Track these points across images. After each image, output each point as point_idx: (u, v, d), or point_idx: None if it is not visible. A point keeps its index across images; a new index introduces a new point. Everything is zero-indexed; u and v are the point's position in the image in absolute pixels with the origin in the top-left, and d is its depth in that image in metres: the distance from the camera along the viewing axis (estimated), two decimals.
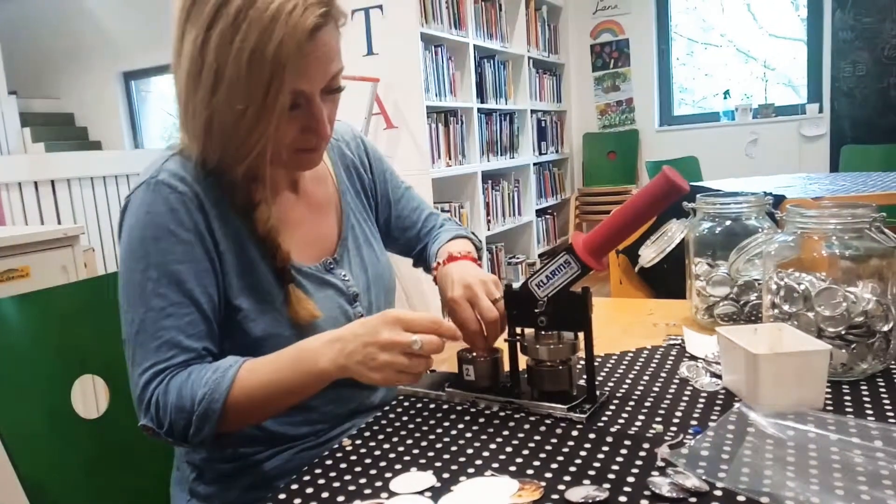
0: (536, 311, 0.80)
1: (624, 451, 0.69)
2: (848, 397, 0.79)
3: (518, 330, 0.84)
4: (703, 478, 0.62)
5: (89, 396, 1.05)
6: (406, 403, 0.87)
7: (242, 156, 0.79)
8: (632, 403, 0.81)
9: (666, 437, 0.72)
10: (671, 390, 0.85)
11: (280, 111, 0.77)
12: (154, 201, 0.80)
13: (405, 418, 0.83)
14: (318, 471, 0.71)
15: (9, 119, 5.37)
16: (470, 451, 0.72)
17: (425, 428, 0.79)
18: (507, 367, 0.87)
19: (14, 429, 0.83)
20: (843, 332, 0.84)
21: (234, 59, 0.74)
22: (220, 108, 0.77)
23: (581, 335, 0.81)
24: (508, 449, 0.72)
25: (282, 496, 0.67)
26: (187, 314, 0.80)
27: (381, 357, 0.74)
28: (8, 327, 0.88)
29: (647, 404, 0.81)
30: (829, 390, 0.81)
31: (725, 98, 4.83)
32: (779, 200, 1.73)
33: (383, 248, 1.05)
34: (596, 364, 0.95)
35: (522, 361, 0.85)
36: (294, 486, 0.68)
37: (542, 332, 0.82)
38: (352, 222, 0.99)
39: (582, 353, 0.81)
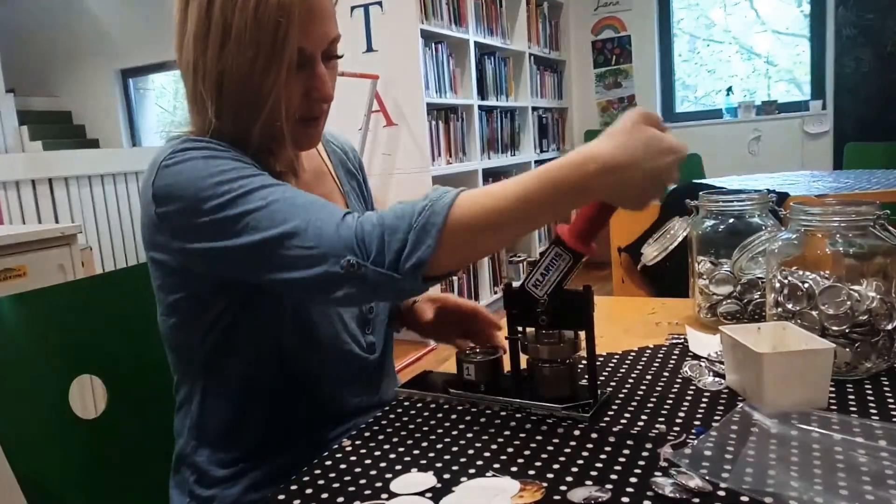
0: (538, 309, 0.79)
1: (626, 452, 0.69)
2: (852, 396, 0.79)
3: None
4: (707, 478, 0.61)
5: (87, 396, 1.05)
6: (406, 404, 0.87)
7: (256, 113, 0.79)
8: (634, 403, 0.81)
9: (669, 437, 0.71)
10: (674, 390, 0.84)
11: (289, 61, 0.77)
12: (199, 150, 0.78)
13: (405, 419, 0.82)
14: (317, 471, 0.70)
15: (6, 117, 5.36)
16: (471, 451, 0.72)
17: (426, 428, 0.79)
18: (507, 367, 0.86)
19: (12, 428, 0.83)
20: (847, 331, 0.84)
21: (240, 11, 0.75)
22: (230, 62, 0.77)
23: (582, 334, 0.80)
24: (510, 449, 0.71)
25: (281, 497, 0.66)
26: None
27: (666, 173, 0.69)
28: (5, 327, 0.88)
29: (650, 404, 0.80)
30: (833, 389, 0.80)
31: (728, 95, 4.82)
32: (782, 198, 1.72)
33: None
34: (598, 363, 0.94)
35: (523, 360, 0.84)
36: (293, 487, 0.68)
37: (543, 331, 0.81)
38: None
39: (583, 353, 0.80)
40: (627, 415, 0.78)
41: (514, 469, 0.67)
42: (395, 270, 0.68)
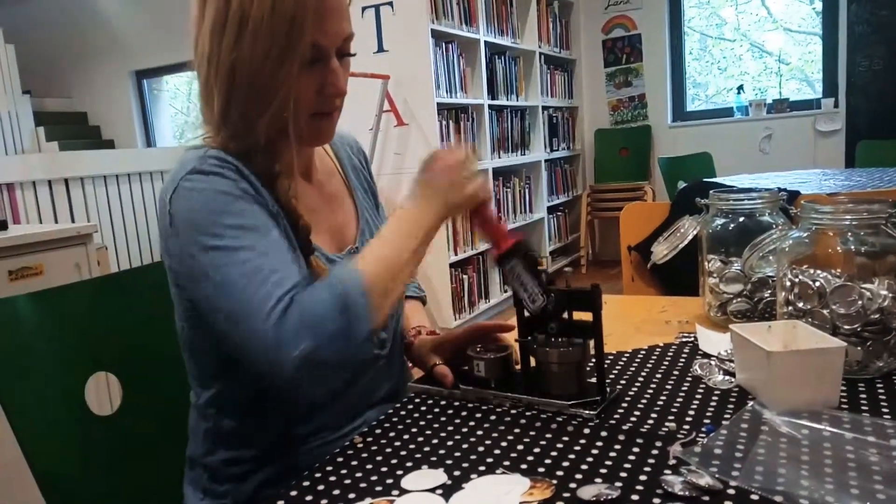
0: (548, 321, 0.81)
1: (636, 450, 0.69)
2: (863, 395, 0.79)
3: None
4: (717, 476, 0.61)
5: (103, 393, 1.06)
6: (417, 401, 0.87)
7: (265, 106, 0.80)
8: (644, 401, 0.81)
9: (679, 435, 0.71)
10: (684, 388, 0.84)
11: (301, 57, 0.79)
12: (214, 178, 0.80)
13: (416, 415, 0.83)
14: (329, 468, 0.71)
15: (23, 118, 5.43)
16: (481, 448, 0.72)
17: (436, 425, 0.79)
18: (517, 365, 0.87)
19: (29, 425, 0.84)
20: (858, 330, 0.83)
21: (258, 3, 0.77)
22: (244, 54, 0.79)
23: (591, 342, 0.81)
24: (520, 447, 0.72)
25: (293, 493, 0.67)
26: (286, 252, 0.80)
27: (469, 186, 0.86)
28: (22, 325, 0.89)
29: (660, 402, 0.80)
30: (845, 388, 0.80)
31: (739, 93, 4.79)
32: (793, 196, 1.71)
33: None
34: (607, 362, 0.94)
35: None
36: (305, 483, 0.68)
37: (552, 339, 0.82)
38: (366, 217, 1.01)
39: (592, 351, 0.81)
40: (637, 413, 0.78)
41: (524, 466, 0.67)
42: (349, 341, 0.75)
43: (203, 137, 0.87)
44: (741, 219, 1.08)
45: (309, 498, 0.66)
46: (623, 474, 0.64)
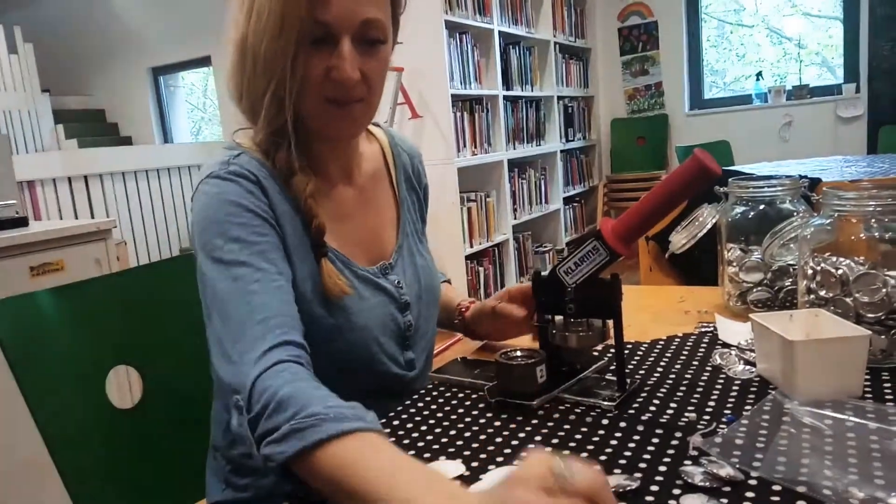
0: (565, 298, 0.79)
1: (656, 440, 0.68)
2: (888, 385, 0.77)
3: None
4: (738, 467, 0.61)
5: (124, 387, 1.07)
6: (434, 392, 0.87)
7: (267, 82, 0.80)
8: (663, 391, 0.80)
9: (699, 426, 0.70)
10: (704, 378, 0.83)
11: (302, 32, 0.77)
12: (228, 185, 0.81)
13: (434, 407, 0.83)
14: None
15: (42, 116, 5.50)
16: (499, 439, 0.72)
17: (454, 416, 0.79)
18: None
19: (51, 419, 0.85)
20: (882, 318, 0.82)
21: None
22: (250, 28, 0.80)
23: (610, 323, 0.80)
24: (538, 437, 0.71)
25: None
26: (275, 280, 0.78)
27: None
28: (44, 319, 0.90)
29: (680, 392, 0.80)
30: (868, 377, 0.79)
31: (758, 80, 4.72)
32: (814, 183, 1.69)
33: (434, 262, 1.04)
34: (626, 352, 0.93)
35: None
36: None
37: (572, 320, 0.81)
38: (407, 231, 0.99)
39: (611, 341, 0.80)
40: (657, 403, 0.77)
41: None
42: (257, 444, 0.65)
43: (235, 137, 0.88)
44: (761, 206, 1.07)
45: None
46: (643, 465, 0.63)
